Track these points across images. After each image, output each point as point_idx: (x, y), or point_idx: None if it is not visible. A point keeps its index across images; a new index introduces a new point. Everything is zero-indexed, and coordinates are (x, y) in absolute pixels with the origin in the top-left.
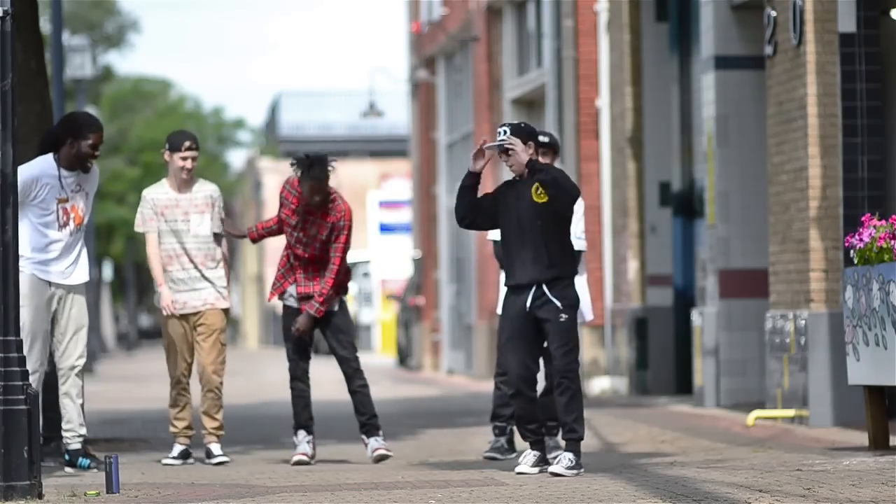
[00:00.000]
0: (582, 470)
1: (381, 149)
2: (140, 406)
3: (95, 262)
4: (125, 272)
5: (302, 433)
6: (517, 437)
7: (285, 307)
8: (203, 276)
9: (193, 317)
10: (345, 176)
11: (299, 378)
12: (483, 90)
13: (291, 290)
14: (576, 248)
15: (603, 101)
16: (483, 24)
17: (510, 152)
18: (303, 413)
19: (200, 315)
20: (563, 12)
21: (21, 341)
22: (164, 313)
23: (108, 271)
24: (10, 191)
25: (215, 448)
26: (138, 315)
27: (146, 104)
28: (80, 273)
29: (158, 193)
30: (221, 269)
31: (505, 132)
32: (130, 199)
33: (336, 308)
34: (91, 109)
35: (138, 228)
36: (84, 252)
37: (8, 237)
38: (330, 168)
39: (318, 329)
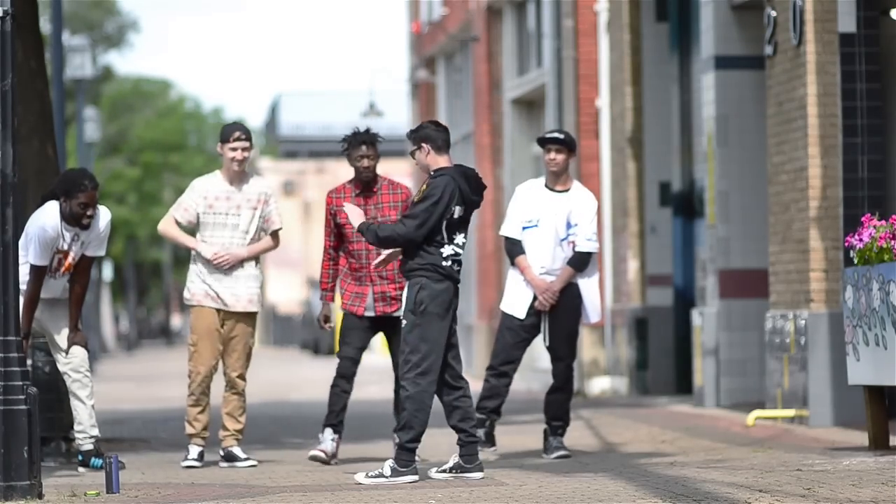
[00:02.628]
0: (394, 479)
1: (382, 149)
2: (140, 406)
3: (95, 262)
4: (125, 272)
5: (329, 431)
6: (497, 431)
7: (348, 315)
8: (243, 273)
9: (225, 315)
10: (345, 176)
11: (347, 378)
12: (483, 90)
13: (370, 293)
14: (586, 249)
15: (603, 101)
16: (483, 24)
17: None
18: (339, 413)
19: (234, 316)
20: (563, 12)
21: (21, 341)
22: (194, 303)
23: (108, 271)
24: (10, 191)
25: (239, 451)
26: (153, 312)
27: (146, 104)
28: (62, 310)
29: (211, 184)
30: (258, 268)
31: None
32: (130, 199)
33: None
34: (91, 109)
35: (172, 211)
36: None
37: (8, 237)
38: (378, 136)
39: (383, 331)
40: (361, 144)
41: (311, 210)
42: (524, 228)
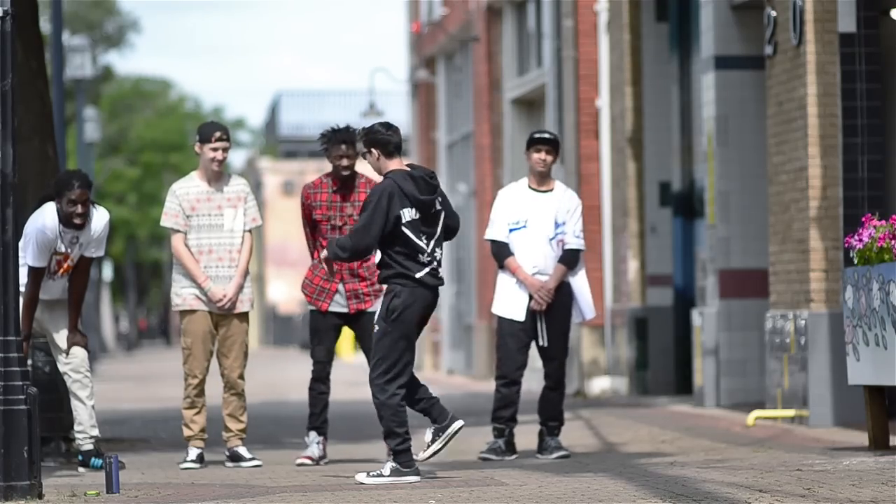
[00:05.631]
0: (395, 478)
1: None
2: (140, 406)
3: (95, 262)
4: (125, 272)
5: (314, 434)
6: (517, 439)
7: (314, 314)
8: (231, 275)
9: (218, 317)
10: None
11: (322, 380)
12: (483, 90)
13: (340, 290)
14: (576, 246)
15: (603, 101)
16: (483, 24)
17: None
18: (320, 415)
19: (227, 317)
20: (563, 12)
21: (21, 342)
22: (195, 308)
23: (108, 271)
24: (10, 191)
25: (244, 451)
26: (153, 312)
27: (146, 104)
28: (62, 310)
29: (189, 187)
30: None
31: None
32: (130, 199)
33: (375, 308)
34: (91, 109)
35: (163, 223)
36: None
37: (8, 237)
38: (357, 132)
39: (353, 329)
40: (341, 143)
41: None
42: (511, 230)
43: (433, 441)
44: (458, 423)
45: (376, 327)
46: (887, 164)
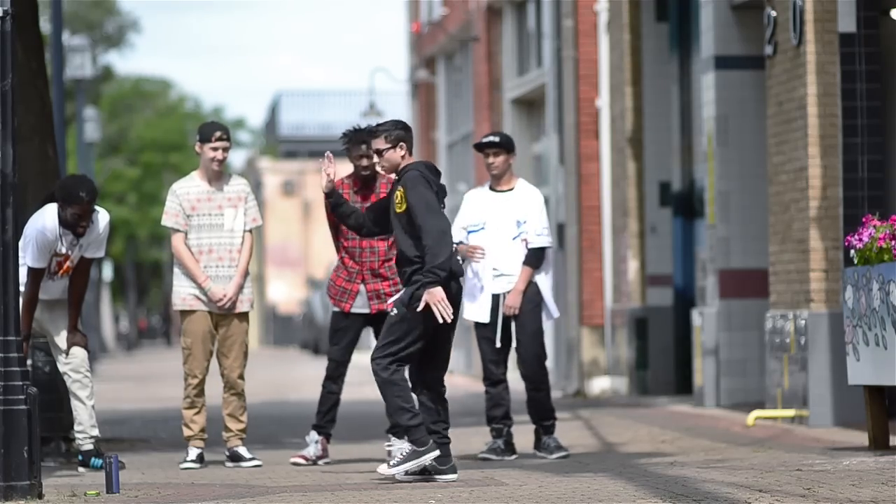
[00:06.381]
0: (416, 460)
1: None
2: (140, 406)
3: (95, 262)
4: (125, 272)
5: (314, 433)
6: (517, 440)
7: (336, 314)
8: (231, 274)
9: (218, 317)
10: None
11: (334, 380)
12: (483, 90)
13: (362, 291)
14: (538, 244)
15: (603, 101)
16: (483, 24)
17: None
18: (325, 414)
19: (228, 317)
20: (563, 12)
21: (21, 342)
22: (193, 308)
23: (107, 271)
24: (10, 191)
25: (244, 451)
26: (153, 312)
27: (146, 104)
28: (62, 311)
29: (189, 187)
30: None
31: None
32: (130, 199)
33: None
34: (91, 109)
35: (164, 223)
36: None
37: (8, 237)
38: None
39: (374, 328)
40: (362, 143)
41: (311, 210)
42: (470, 232)
43: (404, 462)
44: (435, 453)
45: (394, 310)
46: (887, 164)
